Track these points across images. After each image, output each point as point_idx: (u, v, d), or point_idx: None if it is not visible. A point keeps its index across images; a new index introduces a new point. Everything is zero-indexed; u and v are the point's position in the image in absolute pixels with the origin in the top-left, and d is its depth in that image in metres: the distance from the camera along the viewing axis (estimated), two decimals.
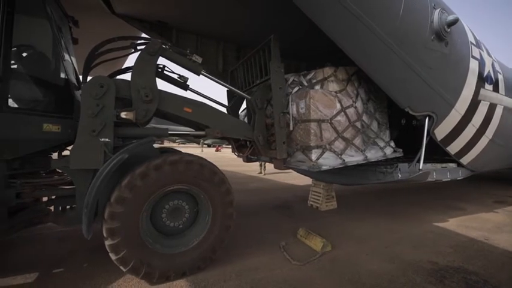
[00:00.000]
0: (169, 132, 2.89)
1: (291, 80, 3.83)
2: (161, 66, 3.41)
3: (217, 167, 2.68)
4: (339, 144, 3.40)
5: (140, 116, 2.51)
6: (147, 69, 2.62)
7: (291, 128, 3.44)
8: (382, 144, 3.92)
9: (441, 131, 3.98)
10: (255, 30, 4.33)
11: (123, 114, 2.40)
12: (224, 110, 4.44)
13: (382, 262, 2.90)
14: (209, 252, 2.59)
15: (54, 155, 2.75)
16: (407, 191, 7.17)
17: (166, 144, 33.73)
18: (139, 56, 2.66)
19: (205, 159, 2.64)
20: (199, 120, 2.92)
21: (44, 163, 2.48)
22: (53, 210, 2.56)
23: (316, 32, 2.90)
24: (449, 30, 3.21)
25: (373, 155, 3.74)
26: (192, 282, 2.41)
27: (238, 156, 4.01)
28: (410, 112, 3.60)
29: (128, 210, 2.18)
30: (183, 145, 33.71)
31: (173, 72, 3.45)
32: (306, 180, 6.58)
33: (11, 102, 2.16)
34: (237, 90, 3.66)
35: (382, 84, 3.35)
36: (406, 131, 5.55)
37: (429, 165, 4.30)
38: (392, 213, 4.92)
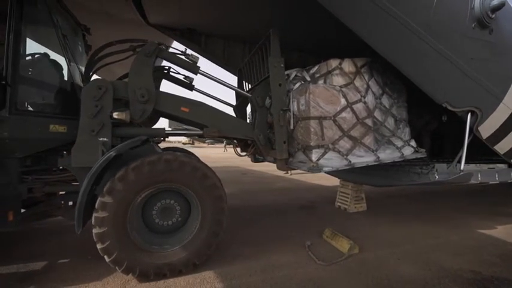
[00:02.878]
0: (166, 131, 2.96)
1: (293, 75, 3.65)
2: (167, 67, 3.51)
3: (197, 162, 2.60)
4: (345, 144, 3.12)
5: (137, 116, 2.59)
6: (144, 70, 2.70)
7: (292, 127, 3.22)
8: (399, 143, 3.54)
9: (487, 128, 3.59)
10: (279, 29, 4.36)
11: (114, 115, 2.49)
12: (231, 109, 4.41)
13: (415, 268, 2.73)
14: (212, 237, 2.60)
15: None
16: (446, 194, 6.57)
17: (196, 144, 35.18)
18: (136, 58, 2.75)
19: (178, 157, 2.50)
20: (197, 120, 2.94)
21: (55, 161, 2.67)
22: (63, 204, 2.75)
23: (343, 28, 2.83)
24: (493, 16, 2.90)
25: (388, 155, 3.39)
26: (219, 274, 2.53)
27: (239, 156, 3.92)
28: (449, 108, 3.31)
29: (112, 229, 2.23)
30: (211, 145, 34.88)
31: (179, 73, 3.53)
32: (334, 181, 6.40)
33: (20, 105, 2.35)
34: (238, 89, 3.57)
35: (415, 79, 3.13)
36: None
37: (473, 166, 3.91)
38: (428, 217, 4.57)
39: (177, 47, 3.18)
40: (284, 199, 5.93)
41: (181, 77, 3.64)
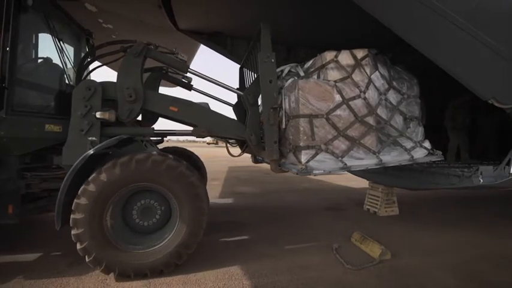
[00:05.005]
0: (155, 131, 2.97)
1: (286, 71, 3.45)
2: (165, 68, 3.54)
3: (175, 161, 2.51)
4: (340, 144, 2.86)
5: (124, 116, 2.66)
6: (132, 71, 2.73)
7: (284, 126, 3.01)
8: (409, 144, 3.12)
9: None
10: (303, 29, 4.30)
11: (98, 114, 2.53)
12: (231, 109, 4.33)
13: (454, 278, 2.53)
14: (191, 238, 2.53)
15: None
16: (488, 199, 5.98)
17: (220, 144, 35.88)
18: (124, 58, 2.78)
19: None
20: (187, 119, 2.94)
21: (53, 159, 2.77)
22: None
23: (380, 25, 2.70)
24: None
25: (394, 158, 3.01)
26: (246, 271, 2.57)
27: (232, 156, 3.84)
28: (496, 104, 2.99)
29: (89, 230, 2.25)
30: (234, 145, 35.30)
31: (178, 74, 3.55)
32: (361, 182, 6.15)
33: (17, 106, 2.43)
34: (229, 87, 3.47)
35: (455, 73, 2.89)
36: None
37: None
38: (468, 224, 4.20)
39: (203, 49, 3.26)
40: (309, 200, 5.84)
41: (179, 77, 3.69)
